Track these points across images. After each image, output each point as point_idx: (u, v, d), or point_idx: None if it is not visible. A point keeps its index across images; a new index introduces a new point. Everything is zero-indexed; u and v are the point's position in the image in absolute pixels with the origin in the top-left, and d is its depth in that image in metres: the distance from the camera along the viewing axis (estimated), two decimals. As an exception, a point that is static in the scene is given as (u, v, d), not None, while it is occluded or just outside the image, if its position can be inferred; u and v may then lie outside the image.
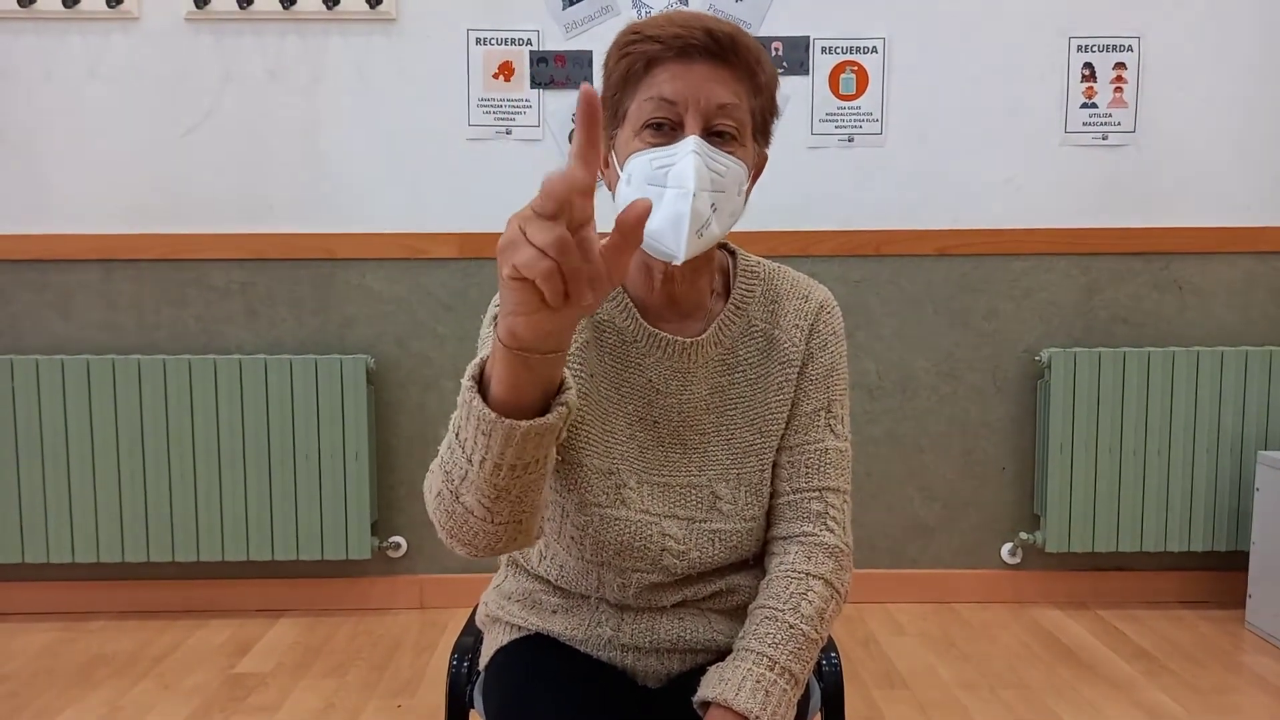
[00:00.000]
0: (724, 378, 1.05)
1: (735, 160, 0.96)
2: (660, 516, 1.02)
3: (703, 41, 0.93)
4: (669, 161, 0.93)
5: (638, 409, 1.04)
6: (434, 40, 2.53)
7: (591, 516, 1.02)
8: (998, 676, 2.22)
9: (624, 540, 1.02)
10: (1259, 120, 2.58)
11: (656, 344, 1.04)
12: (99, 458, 2.49)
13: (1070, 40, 2.55)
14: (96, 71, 2.52)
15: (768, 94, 1.00)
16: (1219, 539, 2.57)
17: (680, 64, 0.94)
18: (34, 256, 2.55)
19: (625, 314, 1.04)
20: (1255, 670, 2.25)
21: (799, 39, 2.54)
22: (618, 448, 1.03)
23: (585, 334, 1.04)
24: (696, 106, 0.94)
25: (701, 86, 0.94)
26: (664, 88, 0.94)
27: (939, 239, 2.59)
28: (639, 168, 0.95)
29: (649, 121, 0.95)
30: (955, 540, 2.67)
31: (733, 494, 1.03)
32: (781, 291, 1.08)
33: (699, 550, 1.03)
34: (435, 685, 2.18)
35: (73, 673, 2.25)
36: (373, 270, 2.58)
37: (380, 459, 2.60)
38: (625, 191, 0.97)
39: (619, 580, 1.05)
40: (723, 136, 0.95)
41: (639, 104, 0.96)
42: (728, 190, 0.95)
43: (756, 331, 1.06)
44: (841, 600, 1.02)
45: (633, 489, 1.03)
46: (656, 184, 0.94)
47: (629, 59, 0.96)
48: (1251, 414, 2.55)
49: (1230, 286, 2.62)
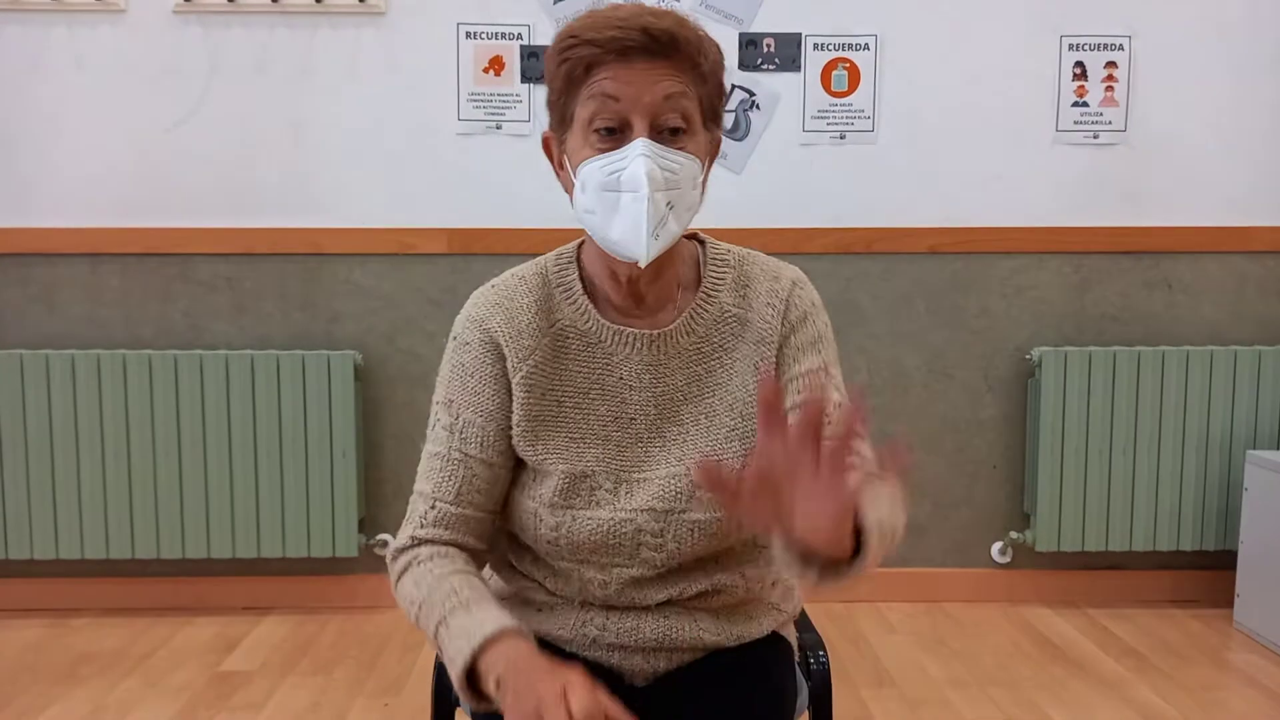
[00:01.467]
0: (700, 366, 1.04)
1: (686, 155, 0.96)
2: (636, 511, 1.02)
3: (640, 41, 0.92)
4: (620, 166, 0.94)
5: (611, 409, 1.04)
6: (424, 34, 2.51)
7: (564, 518, 1.02)
8: (987, 675, 2.22)
9: (599, 539, 1.02)
10: (1249, 120, 2.58)
11: (623, 340, 1.03)
12: (84, 453, 2.46)
13: (1062, 39, 2.55)
14: (82, 63, 2.49)
15: (713, 80, 0.98)
16: (1208, 538, 2.57)
17: (620, 65, 0.93)
18: (19, 250, 2.52)
19: (585, 316, 1.04)
20: (1243, 669, 2.25)
21: (791, 35, 2.53)
22: (589, 451, 1.03)
23: (542, 350, 1.03)
24: (641, 106, 0.93)
25: (644, 85, 0.93)
26: (607, 88, 0.93)
27: (930, 236, 2.59)
28: (591, 175, 0.95)
29: (596, 126, 0.95)
30: (946, 539, 2.67)
31: None
32: (752, 275, 1.07)
33: (677, 541, 1.02)
34: (422, 683, 2.17)
35: (57, 670, 2.23)
36: (361, 266, 2.56)
37: (367, 456, 2.58)
38: (581, 199, 0.97)
39: (600, 576, 1.04)
40: (674, 132, 0.95)
41: (584, 105, 0.95)
42: (683, 186, 0.96)
43: (729, 317, 1.05)
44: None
45: (607, 490, 1.02)
46: (611, 189, 0.94)
47: (568, 64, 0.95)
48: (1240, 413, 2.55)
49: (1220, 286, 2.62)
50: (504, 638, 0.90)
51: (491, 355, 1.04)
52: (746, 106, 2.54)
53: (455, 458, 1.04)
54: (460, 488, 1.03)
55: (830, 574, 0.84)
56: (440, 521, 1.03)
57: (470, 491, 1.04)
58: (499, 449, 1.04)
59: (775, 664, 1.10)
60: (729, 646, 1.08)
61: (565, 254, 1.08)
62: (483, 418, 1.03)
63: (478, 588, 0.99)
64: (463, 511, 1.04)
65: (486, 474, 1.04)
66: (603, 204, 0.95)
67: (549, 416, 1.03)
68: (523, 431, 1.03)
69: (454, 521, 1.04)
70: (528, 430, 1.03)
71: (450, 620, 0.94)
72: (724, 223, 2.62)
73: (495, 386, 1.04)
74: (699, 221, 1.04)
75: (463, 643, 0.90)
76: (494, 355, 1.04)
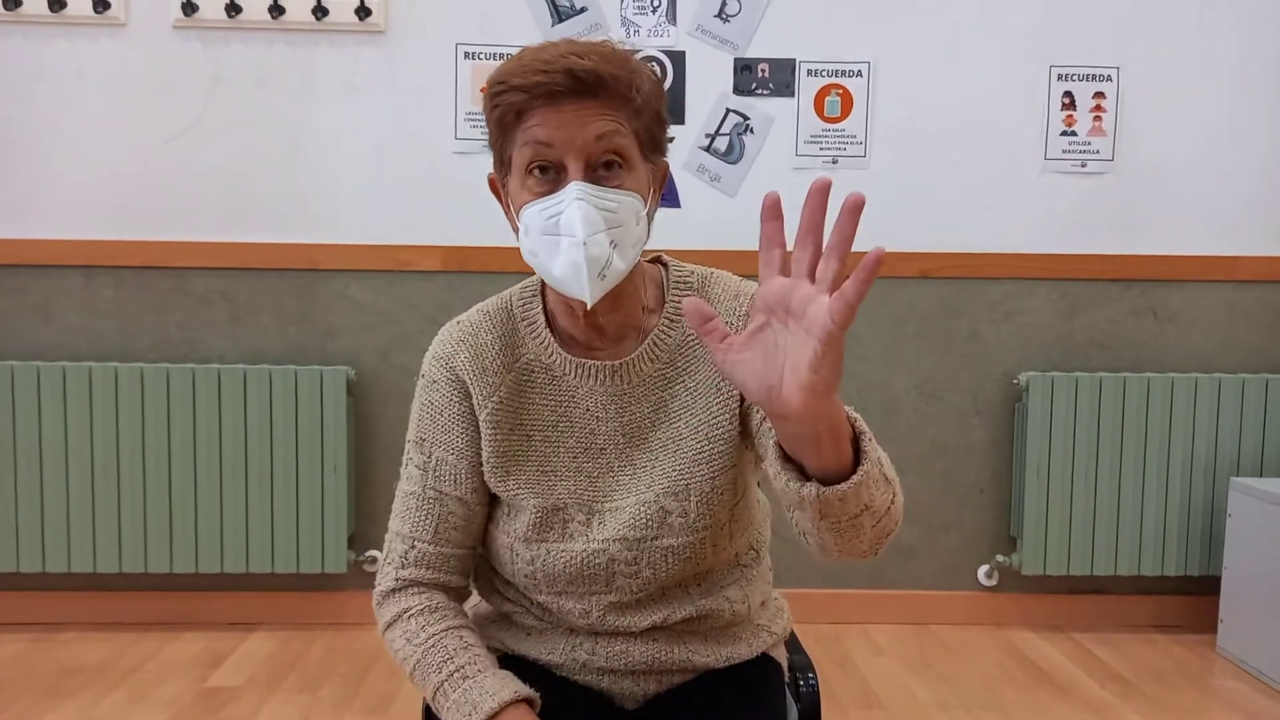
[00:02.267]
0: (665, 392, 1.04)
1: (624, 193, 0.95)
2: (609, 541, 1.02)
3: (566, 84, 0.91)
4: (557, 210, 0.93)
5: (580, 440, 1.04)
6: (423, 53, 2.53)
7: (539, 551, 1.03)
8: (974, 698, 2.23)
9: (573, 571, 1.03)
10: (1236, 150, 2.62)
11: (586, 373, 1.04)
12: (73, 465, 2.46)
13: (1051, 69, 2.59)
14: (83, 76, 2.50)
15: (649, 111, 0.97)
16: (1192, 564, 2.60)
17: (549, 109, 0.92)
18: (15, 261, 2.52)
19: (548, 351, 1.05)
20: (1226, 694, 2.27)
21: (785, 61, 2.57)
22: (560, 484, 1.04)
23: (507, 386, 1.04)
24: (574, 148, 0.92)
25: (575, 127, 0.92)
26: (537, 133, 0.93)
27: (921, 261, 2.61)
28: (532, 219, 0.95)
29: (530, 169, 0.95)
30: (934, 562, 2.69)
31: (682, 507, 1.02)
32: (713, 296, 1.06)
33: (651, 568, 1.03)
34: (410, 703, 2.16)
35: (44, 684, 2.22)
36: (356, 281, 2.57)
37: (359, 472, 2.58)
38: (525, 241, 0.97)
39: (580, 606, 1.05)
40: (609, 168, 0.94)
41: (519, 151, 0.95)
42: (625, 224, 0.94)
43: (692, 340, 1.05)
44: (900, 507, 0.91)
45: (580, 522, 1.03)
46: (550, 233, 0.94)
47: (499, 109, 0.95)
48: (1225, 440, 2.58)
49: (1206, 314, 2.65)
50: (506, 713, 0.93)
51: (458, 393, 1.05)
52: (740, 130, 2.57)
53: (430, 496, 1.05)
54: (437, 526, 1.05)
55: (832, 493, 0.78)
56: (420, 561, 1.05)
57: (447, 529, 1.05)
58: (472, 485, 1.05)
59: (765, 685, 1.10)
60: (719, 668, 1.09)
61: (530, 287, 1.08)
62: (454, 455, 1.04)
63: (472, 646, 1.01)
64: (441, 550, 1.05)
65: (462, 511, 1.05)
66: (544, 247, 0.94)
67: (518, 451, 1.04)
68: (493, 467, 1.04)
69: (434, 560, 1.05)
70: (498, 466, 1.04)
71: (449, 688, 0.97)
72: (718, 244, 2.66)
73: (464, 424, 1.05)
74: (673, 242, 1.04)
75: (464, 718, 0.94)
76: (460, 393, 1.05)
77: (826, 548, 0.86)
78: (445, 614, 1.04)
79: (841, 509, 0.80)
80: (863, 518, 0.82)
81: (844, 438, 0.79)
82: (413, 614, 1.03)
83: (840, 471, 0.79)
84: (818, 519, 0.81)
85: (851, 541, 0.84)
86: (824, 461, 0.78)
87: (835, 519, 0.81)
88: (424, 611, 1.03)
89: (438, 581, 1.06)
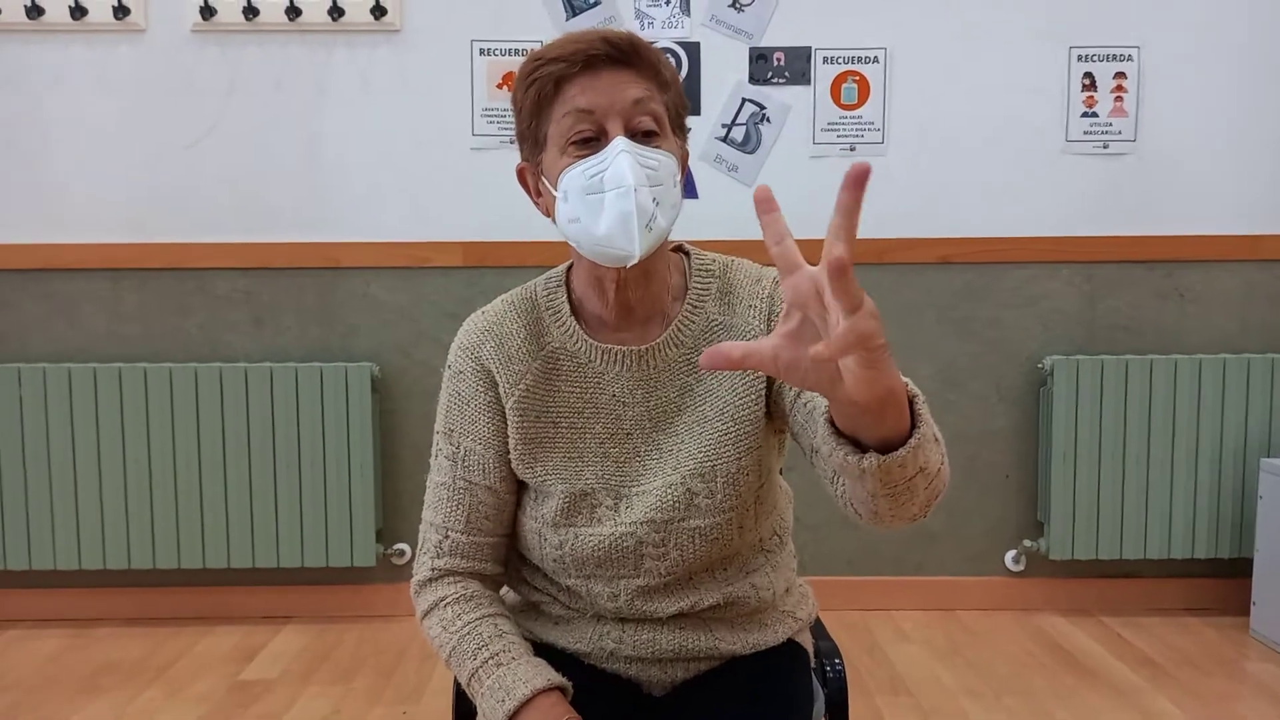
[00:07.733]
0: (690, 376, 1.05)
1: (664, 153, 0.98)
2: (637, 524, 1.03)
3: (603, 50, 0.96)
4: (601, 167, 0.95)
5: (607, 426, 1.05)
6: (438, 51, 2.54)
7: (567, 536, 1.04)
8: (1002, 684, 2.22)
9: (602, 554, 1.04)
10: (1258, 129, 2.59)
11: (611, 358, 1.05)
12: (105, 465, 2.50)
13: (1071, 50, 2.56)
14: (103, 82, 2.54)
15: (675, 89, 1.02)
16: (1223, 546, 2.57)
17: (587, 76, 0.96)
18: (40, 265, 2.56)
19: (574, 338, 1.06)
20: (1259, 678, 2.25)
21: (801, 49, 2.55)
22: (588, 469, 1.05)
23: (533, 373, 1.05)
24: (614, 110, 0.96)
25: (613, 91, 0.96)
26: (578, 101, 0.96)
27: (941, 247, 2.60)
28: (573, 181, 0.96)
29: (572, 138, 0.97)
30: (959, 548, 2.68)
31: (708, 488, 1.02)
32: (735, 282, 1.07)
33: (679, 550, 1.04)
34: (441, 693, 2.19)
35: (79, 680, 2.26)
36: (377, 279, 2.59)
37: (385, 466, 2.61)
38: (564, 209, 0.98)
39: (608, 589, 1.06)
40: (647, 135, 0.97)
41: (557, 123, 0.97)
42: (665, 183, 0.97)
43: (716, 325, 1.06)
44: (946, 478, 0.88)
45: (608, 506, 1.04)
46: (594, 192, 0.95)
47: (537, 84, 0.97)
48: (1254, 421, 2.55)
49: (1231, 294, 2.62)
50: (538, 701, 0.94)
51: (484, 383, 1.06)
52: (757, 120, 2.57)
53: (460, 486, 1.06)
54: (469, 515, 1.06)
55: (891, 459, 0.76)
56: (455, 550, 1.07)
57: (479, 518, 1.07)
58: (501, 474, 1.06)
59: (792, 671, 1.11)
60: (745, 654, 1.09)
61: (554, 278, 1.10)
62: (482, 445, 1.06)
63: (507, 634, 1.02)
64: (474, 539, 1.07)
65: (492, 500, 1.07)
66: (587, 208, 0.96)
67: (545, 438, 1.05)
68: (520, 454, 1.05)
69: (468, 549, 1.07)
70: (525, 453, 1.05)
71: (483, 675, 0.98)
72: (735, 235, 2.65)
73: (491, 413, 1.06)
74: (692, 233, 1.04)
75: (497, 704, 0.95)
76: (487, 382, 1.06)
77: (880, 514, 0.85)
78: (480, 602, 1.05)
79: (900, 474, 0.78)
80: (917, 479, 0.80)
81: (904, 403, 0.77)
82: (449, 602, 1.05)
83: (899, 436, 0.77)
84: (878, 488, 0.80)
85: (905, 505, 0.83)
86: (885, 430, 0.76)
87: (892, 485, 0.79)
88: (459, 600, 1.05)
89: (472, 570, 1.08)
